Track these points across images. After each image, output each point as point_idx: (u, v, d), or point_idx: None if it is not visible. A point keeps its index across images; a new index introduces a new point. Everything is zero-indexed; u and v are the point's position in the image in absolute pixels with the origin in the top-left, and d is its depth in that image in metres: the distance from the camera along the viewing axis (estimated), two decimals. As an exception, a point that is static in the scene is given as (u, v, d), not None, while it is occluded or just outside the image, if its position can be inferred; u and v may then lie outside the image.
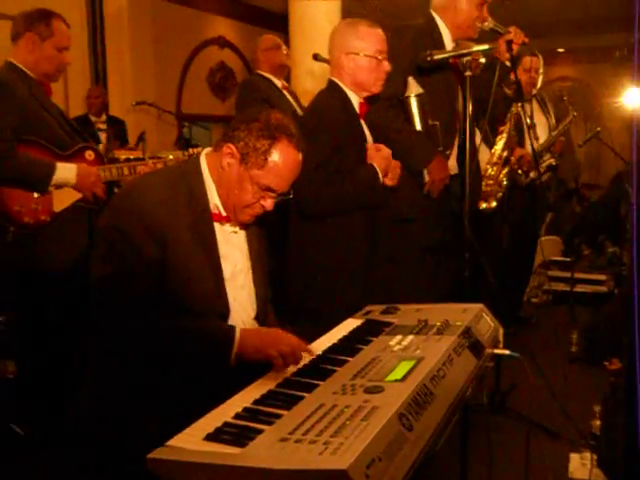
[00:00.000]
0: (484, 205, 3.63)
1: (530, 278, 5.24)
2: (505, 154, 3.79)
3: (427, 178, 2.97)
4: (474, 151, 2.80)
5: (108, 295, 1.74)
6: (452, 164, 3.05)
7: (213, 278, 1.84)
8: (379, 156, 2.62)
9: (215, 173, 1.85)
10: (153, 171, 2.82)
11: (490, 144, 3.66)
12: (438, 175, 2.94)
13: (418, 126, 2.92)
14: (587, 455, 2.72)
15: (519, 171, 4.19)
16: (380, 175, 2.60)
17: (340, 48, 2.62)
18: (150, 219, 1.72)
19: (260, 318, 2.02)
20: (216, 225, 1.87)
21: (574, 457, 2.80)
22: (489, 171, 3.64)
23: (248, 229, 1.98)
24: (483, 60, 2.77)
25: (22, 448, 2.85)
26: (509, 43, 2.89)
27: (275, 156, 1.77)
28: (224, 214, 1.88)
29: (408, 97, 2.87)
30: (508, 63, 2.99)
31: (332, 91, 2.66)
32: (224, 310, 1.86)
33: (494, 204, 3.67)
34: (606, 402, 2.68)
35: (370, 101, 2.73)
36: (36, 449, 2.81)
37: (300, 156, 1.84)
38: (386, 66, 2.61)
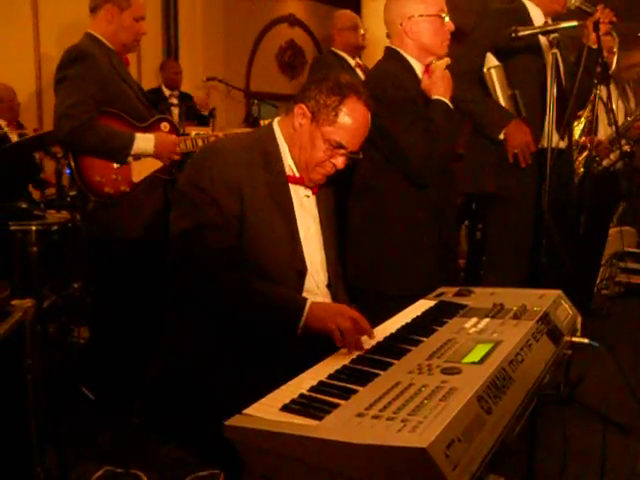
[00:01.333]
0: None
1: (600, 269, 5.08)
2: (582, 140, 3.67)
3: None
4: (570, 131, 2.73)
5: (190, 250, 1.77)
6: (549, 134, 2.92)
7: (290, 237, 1.87)
8: (434, 82, 2.47)
9: (287, 135, 1.90)
10: (230, 136, 2.86)
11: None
12: (517, 140, 2.82)
13: (500, 97, 2.86)
14: (660, 452, 2.63)
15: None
16: (447, 101, 2.47)
17: (400, 14, 2.51)
18: (229, 176, 1.77)
19: (332, 286, 2.02)
20: (290, 187, 1.91)
21: (645, 452, 2.71)
22: None
23: (319, 197, 2.00)
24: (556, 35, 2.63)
25: (91, 413, 2.94)
26: (596, 24, 2.77)
27: (345, 112, 1.82)
28: (298, 175, 1.91)
29: (488, 69, 2.82)
30: (594, 45, 2.86)
31: (391, 59, 2.58)
32: (302, 269, 1.88)
33: None
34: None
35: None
36: (104, 414, 2.89)
37: (369, 114, 1.87)
38: (450, 25, 2.50)
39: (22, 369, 1.90)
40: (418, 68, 2.56)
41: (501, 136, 2.87)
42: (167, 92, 5.85)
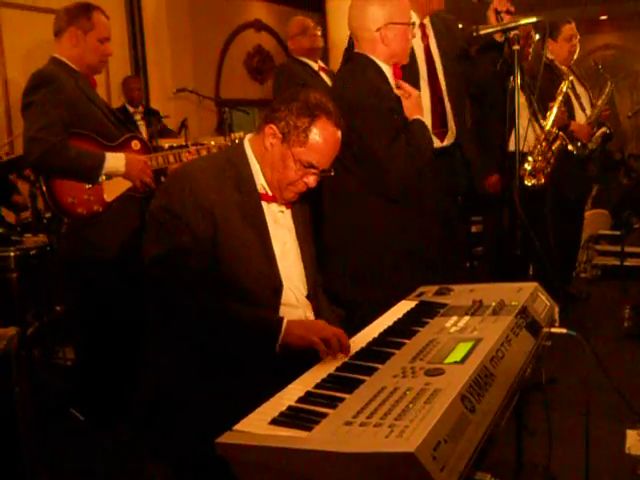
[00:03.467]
0: (533, 182, 3.58)
1: (578, 253, 5.15)
2: (554, 130, 3.72)
3: None
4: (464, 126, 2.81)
5: (163, 274, 1.78)
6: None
7: (264, 255, 1.88)
8: (413, 104, 2.56)
9: (259, 154, 1.91)
10: (200, 157, 2.87)
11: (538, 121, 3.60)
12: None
13: None
14: (645, 431, 2.69)
15: (574, 144, 4.06)
16: (423, 119, 2.57)
17: (376, 20, 2.52)
18: (200, 199, 1.78)
19: (312, 298, 2.04)
20: (263, 205, 1.92)
21: (631, 434, 2.76)
22: (538, 147, 3.59)
23: (294, 210, 2.02)
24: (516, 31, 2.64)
25: (82, 433, 2.93)
26: (497, 13, 2.72)
27: (315, 133, 1.83)
28: (270, 194, 1.93)
29: None
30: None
31: (366, 65, 2.58)
32: (277, 285, 1.90)
33: (543, 180, 3.62)
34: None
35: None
36: (96, 434, 2.89)
37: (339, 133, 1.88)
38: (413, 34, 2.59)
39: (10, 398, 1.90)
40: (388, 73, 2.60)
41: None
42: (131, 109, 5.82)
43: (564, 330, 1.88)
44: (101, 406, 2.91)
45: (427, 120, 2.80)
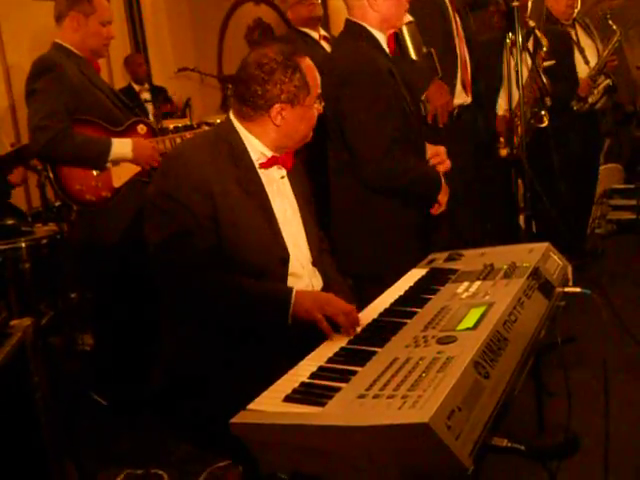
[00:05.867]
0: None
1: (592, 209, 5.08)
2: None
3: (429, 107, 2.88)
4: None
5: (169, 259, 1.77)
6: (459, 91, 2.90)
7: (268, 225, 1.87)
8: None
9: (260, 133, 1.88)
10: (191, 137, 2.86)
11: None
12: (438, 101, 2.81)
13: (413, 55, 2.81)
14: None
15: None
16: (443, 182, 2.46)
17: None
18: (195, 177, 1.77)
19: (317, 265, 2.04)
20: (263, 175, 1.90)
21: (652, 391, 2.74)
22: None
23: (292, 181, 2.01)
24: None
25: (104, 417, 2.97)
26: None
27: (306, 74, 1.85)
28: (269, 155, 1.91)
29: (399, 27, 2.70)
30: None
31: (358, 34, 2.48)
32: (284, 254, 1.89)
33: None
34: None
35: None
36: (118, 418, 2.92)
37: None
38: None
39: (29, 388, 1.91)
40: (382, 40, 2.51)
41: None
42: (137, 87, 5.76)
43: (578, 289, 1.85)
44: (122, 389, 2.94)
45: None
